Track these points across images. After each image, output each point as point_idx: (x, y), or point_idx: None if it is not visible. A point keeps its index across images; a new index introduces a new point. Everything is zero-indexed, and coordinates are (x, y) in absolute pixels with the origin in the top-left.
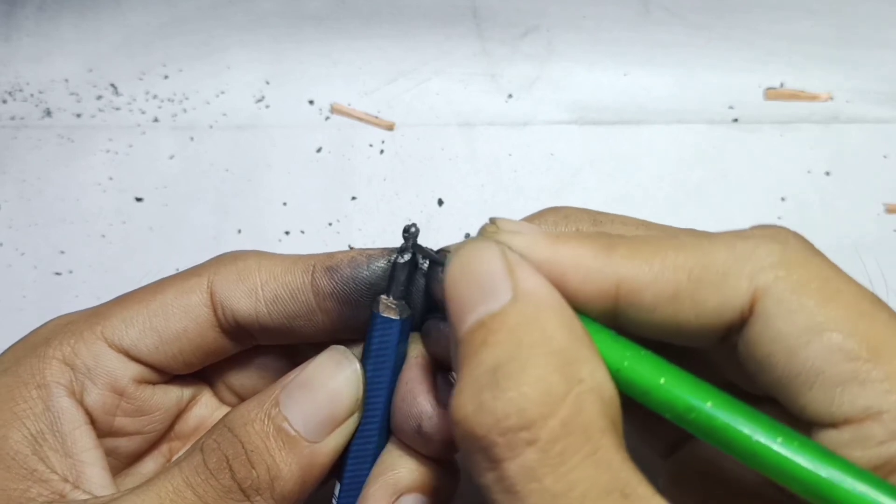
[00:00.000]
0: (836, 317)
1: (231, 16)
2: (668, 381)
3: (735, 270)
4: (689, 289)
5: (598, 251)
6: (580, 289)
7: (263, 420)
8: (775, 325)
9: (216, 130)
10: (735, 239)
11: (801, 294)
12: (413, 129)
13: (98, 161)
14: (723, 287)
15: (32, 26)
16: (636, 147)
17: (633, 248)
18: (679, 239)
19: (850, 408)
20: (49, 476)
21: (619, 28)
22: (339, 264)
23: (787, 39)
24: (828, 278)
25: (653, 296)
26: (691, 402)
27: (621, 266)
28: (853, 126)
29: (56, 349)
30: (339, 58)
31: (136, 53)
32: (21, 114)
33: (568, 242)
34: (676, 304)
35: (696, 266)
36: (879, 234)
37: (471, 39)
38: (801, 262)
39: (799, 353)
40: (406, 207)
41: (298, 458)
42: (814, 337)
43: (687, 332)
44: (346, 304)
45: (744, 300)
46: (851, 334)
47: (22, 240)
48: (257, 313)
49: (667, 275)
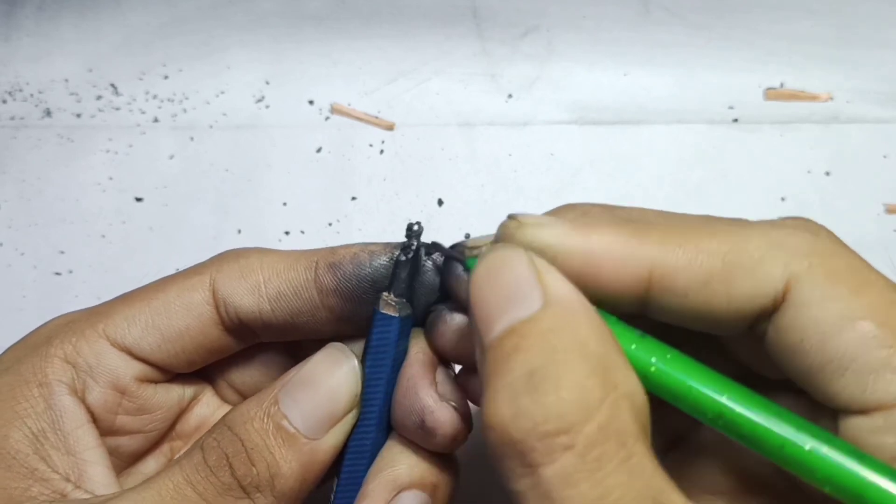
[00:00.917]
0: (869, 305)
1: (231, 16)
2: (698, 383)
3: (769, 257)
4: (723, 274)
5: (629, 237)
6: (614, 275)
7: (263, 418)
8: (809, 312)
9: (216, 130)
10: (769, 227)
11: (835, 282)
12: (413, 129)
13: (98, 161)
14: (757, 273)
15: (32, 26)
16: (636, 147)
17: (665, 233)
18: (711, 225)
19: (882, 394)
20: (50, 475)
21: (620, 28)
22: (341, 261)
23: (787, 39)
24: (858, 268)
25: (686, 281)
26: (722, 406)
27: (654, 251)
28: (853, 126)
29: (58, 347)
30: (339, 58)
31: (136, 53)
32: (21, 114)
33: (598, 230)
34: (709, 289)
35: (730, 252)
36: (880, 234)
37: (471, 39)
38: (832, 252)
39: (832, 340)
40: (406, 207)
41: (298, 456)
42: (847, 324)
43: (718, 318)
44: (348, 301)
45: (777, 287)
46: (884, 323)
47: (22, 240)
48: (260, 310)
49: (700, 260)
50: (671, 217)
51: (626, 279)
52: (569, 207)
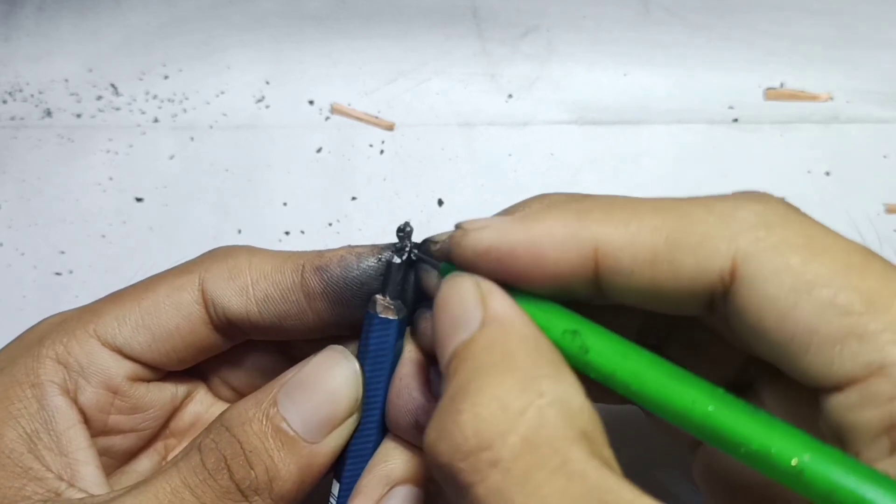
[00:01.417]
0: (825, 272)
1: (231, 16)
2: (658, 384)
3: (713, 232)
4: (667, 252)
5: (571, 219)
6: (559, 260)
7: (262, 420)
8: (760, 288)
9: (216, 130)
10: (714, 201)
11: (785, 253)
12: (413, 129)
13: (98, 161)
14: (701, 250)
15: (32, 26)
16: (636, 147)
17: (607, 211)
18: (656, 202)
19: (851, 366)
20: (44, 474)
21: (620, 28)
22: (328, 264)
23: (787, 39)
24: (813, 235)
25: (630, 258)
26: (688, 408)
27: (596, 230)
28: (853, 126)
29: (49, 348)
30: (339, 58)
31: (136, 53)
32: (21, 114)
33: (540, 218)
34: (654, 267)
35: (674, 228)
36: (880, 234)
37: (471, 39)
38: (782, 222)
39: (789, 315)
40: (406, 207)
41: (297, 459)
42: (802, 296)
43: (669, 298)
44: (336, 304)
45: (723, 263)
46: (843, 288)
47: (22, 240)
48: (248, 312)
49: (643, 237)
50: (627, 199)
51: (571, 262)
52: (536, 199)
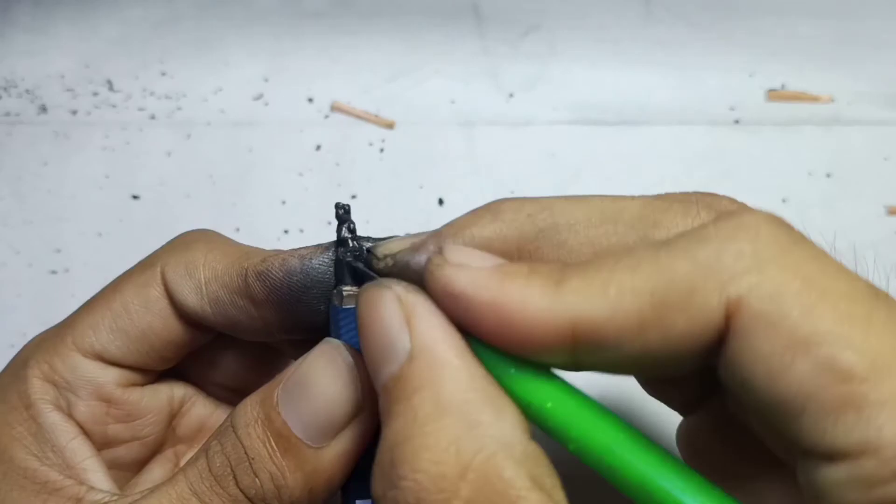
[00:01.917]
0: (824, 326)
1: (229, 12)
2: (586, 434)
3: (700, 285)
4: (655, 316)
5: (546, 288)
6: (531, 333)
7: (264, 423)
8: (753, 345)
9: (214, 128)
10: (696, 245)
11: (780, 302)
12: (413, 127)
13: (94, 158)
14: (690, 308)
15: (28, 21)
16: (637, 148)
17: (584, 278)
18: (635, 256)
19: (844, 440)
20: (63, 483)
21: (621, 28)
22: (269, 269)
23: (788, 41)
24: (811, 276)
25: (615, 331)
26: (611, 460)
27: (573, 303)
28: (854, 128)
29: (34, 368)
30: (338, 55)
31: (133, 49)
32: (16, 110)
33: (516, 280)
34: (643, 335)
35: (657, 287)
36: (881, 235)
37: (471, 38)
38: (776, 260)
39: (783, 376)
40: (406, 206)
41: (301, 465)
42: (799, 354)
43: (661, 364)
44: (282, 310)
45: (717, 318)
46: (844, 347)
47: (17, 238)
48: (204, 312)
49: (626, 304)
50: (590, 205)
51: (546, 337)
52: (487, 209)
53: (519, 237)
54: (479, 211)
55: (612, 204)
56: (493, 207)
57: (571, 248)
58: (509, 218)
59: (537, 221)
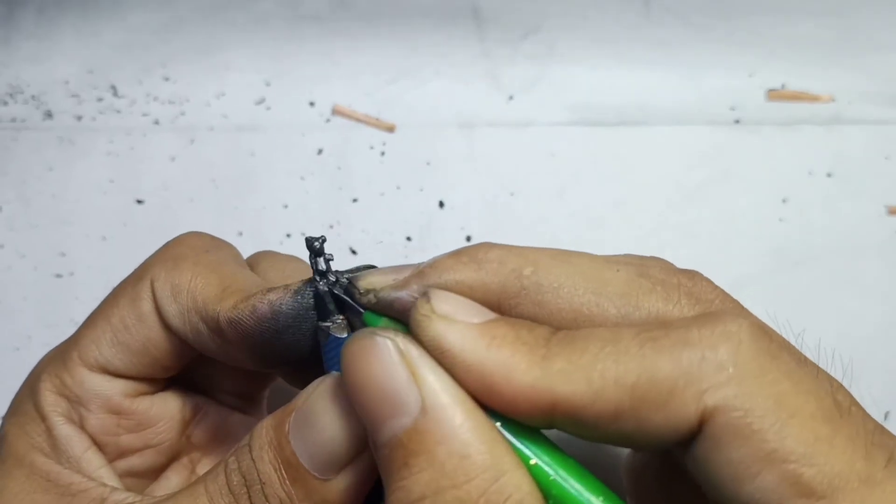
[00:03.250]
0: (790, 445)
1: (231, 17)
2: (564, 494)
3: (680, 388)
4: (632, 408)
5: (532, 364)
6: (513, 402)
7: (276, 449)
8: (724, 450)
9: (217, 132)
10: (682, 347)
11: (753, 417)
12: (414, 130)
13: (99, 163)
14: (668, 407)
15: (32, 28)
16: (637, 148)
17: (570, 360)
18: (621, 344)
19: None
20: (87, 485)
21: (621, 29)
22: (240, 317)
23: (788, 40)
24: (783, 395)
25: (593, 415)
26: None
27: (556, 384)
28: (855, 127)
29: (46, 382)
30: (339, 59)
31: (137, 55)
32: (21, 116)
33: (503, 347)
34: (619, 422)
35: (639, 383)
36: (881, 235)
37: (472, 40)
38: (753, 377)
39: (748, 483)
40: (407, 209)
41: (309, 495)
42: (765, 467)
43: (634, 445)
44: (260, 351)
45: (691, 422)
46: (807, 465)
47: (22, 242)
48: (186, 337)
49: (607, 393)
50: (578, 263)
51: (527, 408)
52: (471, 255)
53: (501, 290)
54: (462, 255)
55: (597, 273)
56: (478, 256)
57: (552, 311)
58: (493, 269)
59: (521, 278)
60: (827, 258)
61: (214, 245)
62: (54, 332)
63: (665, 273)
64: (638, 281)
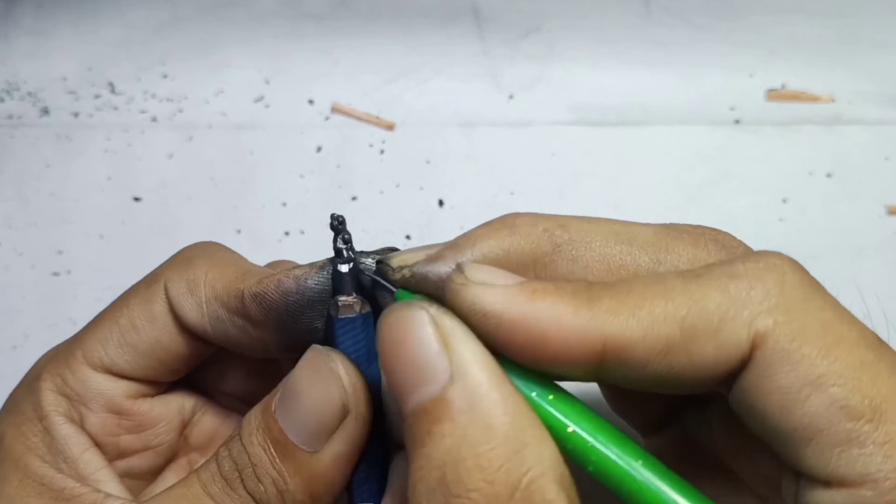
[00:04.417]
0: (838, 369)
1: (231, 14)
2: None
3: (731, 316)
4: (683, 341)
5: (579, 306)
6: (564, 349)
7: (264, 431)
8: (773, 377)
9: (215, 130)
10: (728, 279)
11: (802, 342)
12: (413, 129)
13: (96, 160)
14: (719, 336)
15: (31, 24)
16: (637, 148)
17: (617, 299)
18: (666, 283)
19: (846, 471)
20: (80, 490)
21: (621, 29)
22: (266, 290)
23: (788, 40)
24: (829, 322)
25: (644, 351)
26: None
27: (607, 322)
28: (855, 127)
29: (47, 381)
30: (339, 57)
31: (135, 52)
32: (18, 112)
33: (545, 297)
34: (670, 357)
35: (689, 315)
36: (881, 235)
37: (472, 39)
38: (800, 304)
39: (798, 408)
40: (406, 208)
41: (300, 470)
42: (814, 391)
43: (682, 384)
44: (282, 330)
45: (743, 349)
46: (854, 389)
47: (20, 240)
48: (205, 330)
49: (657, 328)
50: (613, 230)
51: (577, 353)
52: (502, 222)
53: (535, 251)
54: (494, 223)
55: (624, 228)
56: (509, 221)
57: (587, 264)
58: (525, 232)
59: (554, 237)
60: (827, 258)
61: (225, 249)
62: (52, 331)
63: (690, 227)
64: (665, 230)
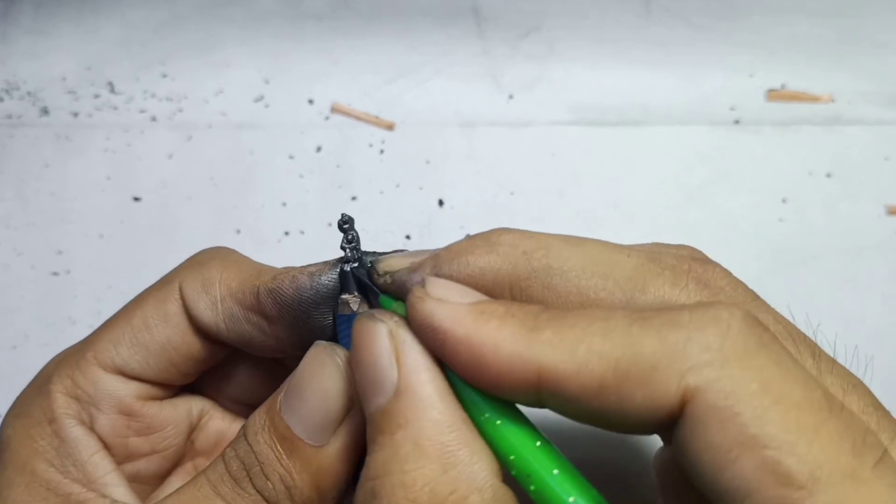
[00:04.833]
0: (772, 431)
1: (230, 14)
2: (545, 487)
3: (663, 366)
4: (615, 384)
5: (520, 334)
6: (501, 373)
7: (270, 428)
8: (704, 433)
9: (215, 130)
10: (669, 328)
11: (735, 400)
12: (413, 129)
13: (96, 160)
14: (649, 385)
15: (30, 23)
16: (637, 148)
17: (557, 332)
18: (611, 321)
19: None
20: (86, 495)
21: (621, 29)
22: (280, 286)
23: (788, 41)
24: (769, 381)
25: (577, 387)
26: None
27: (543, 353)
28: (854, 128)
29: (57, 383)
30: (339, 57)
31: (135, 52)
32: (18, 112)
33: (491, 320)
34: (601, 397)
35: (623, 358)
36: (881, 235)
37: (472, 39)
38: (740, 359)
39: (728, 468)
40: (406, 208)
41: (306, 465)
42: (744, 453)
43: (618, 425)
44: (294, 327)
45: (673, 401)
46: (788, 454)
47: (19, 239)
48: (218, 329)
49: (591, 366)
50: (584, 248)
51: (514, 379)
52: (484, 239)
53: (512, 272)
54: (476, 239)
55: (608, 256)
56: (492, 238)
57: (559, 294)
58: (505, 252)
59: (532, 260)
60: (827, 258)
61: (237, 253)
62: (52, 331)
63: (677, 259)
64: (647, 265)
